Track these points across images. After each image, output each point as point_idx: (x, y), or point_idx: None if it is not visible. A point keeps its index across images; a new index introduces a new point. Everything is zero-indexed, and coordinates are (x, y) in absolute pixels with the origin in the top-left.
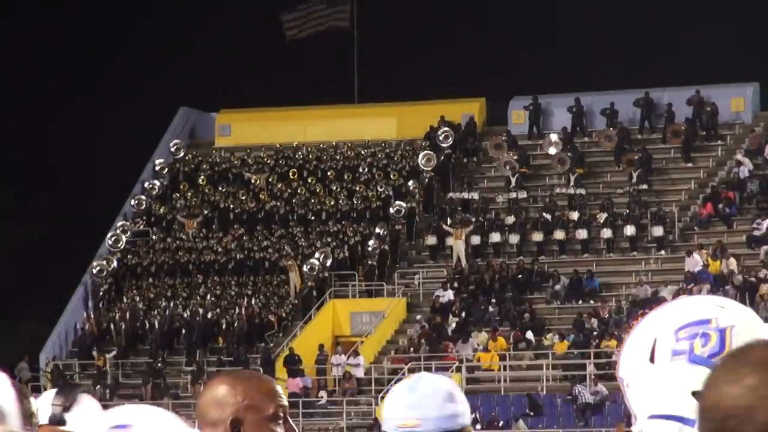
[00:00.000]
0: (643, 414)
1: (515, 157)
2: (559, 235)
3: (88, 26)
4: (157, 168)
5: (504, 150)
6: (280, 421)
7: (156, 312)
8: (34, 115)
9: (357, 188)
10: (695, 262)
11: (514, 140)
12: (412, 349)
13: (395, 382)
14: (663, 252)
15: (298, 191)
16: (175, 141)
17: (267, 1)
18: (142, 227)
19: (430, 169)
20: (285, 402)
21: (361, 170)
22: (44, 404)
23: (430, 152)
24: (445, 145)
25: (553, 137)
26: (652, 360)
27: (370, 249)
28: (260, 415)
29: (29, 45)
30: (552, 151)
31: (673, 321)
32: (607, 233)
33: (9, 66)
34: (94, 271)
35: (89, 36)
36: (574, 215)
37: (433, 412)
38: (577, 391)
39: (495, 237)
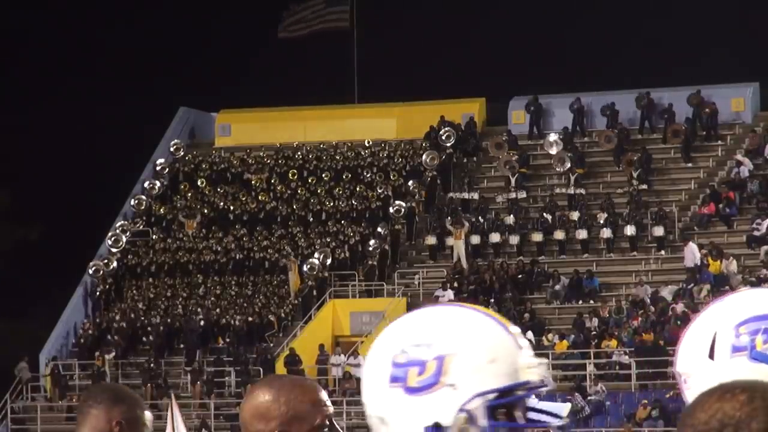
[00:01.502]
0: None
1: (515, 157)
2: (559, 235)
3: (88, 26)
4: (157, 168)
5: (504, 150)
6: (326, 429)
7: (156, 312)
8: (33, 114)
9: (357, 188)
10: (692, 251)
11: (515, 140)
12: None
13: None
14: (663, 252)
15: (298, 191)
16: (175, 141)
17: (267, 1)
18: (142, 227)
19: (433, 167)
20: (331, 409)
21: (361, 170)
22: None
23: (433, 151)
24: (447, 144)
25: (553, 137)
26: (711, 356)
27: (370, 249)
28: (306, 425)
29: (28, 45)
30: (553, 151)
31: (733, 315)
32: (607, 233)
33: (8, 66)
34: (93, 271)
35: (89, 35)
36: (574, 215)
37: None
38: (578, 404)
39: (495, 237)
